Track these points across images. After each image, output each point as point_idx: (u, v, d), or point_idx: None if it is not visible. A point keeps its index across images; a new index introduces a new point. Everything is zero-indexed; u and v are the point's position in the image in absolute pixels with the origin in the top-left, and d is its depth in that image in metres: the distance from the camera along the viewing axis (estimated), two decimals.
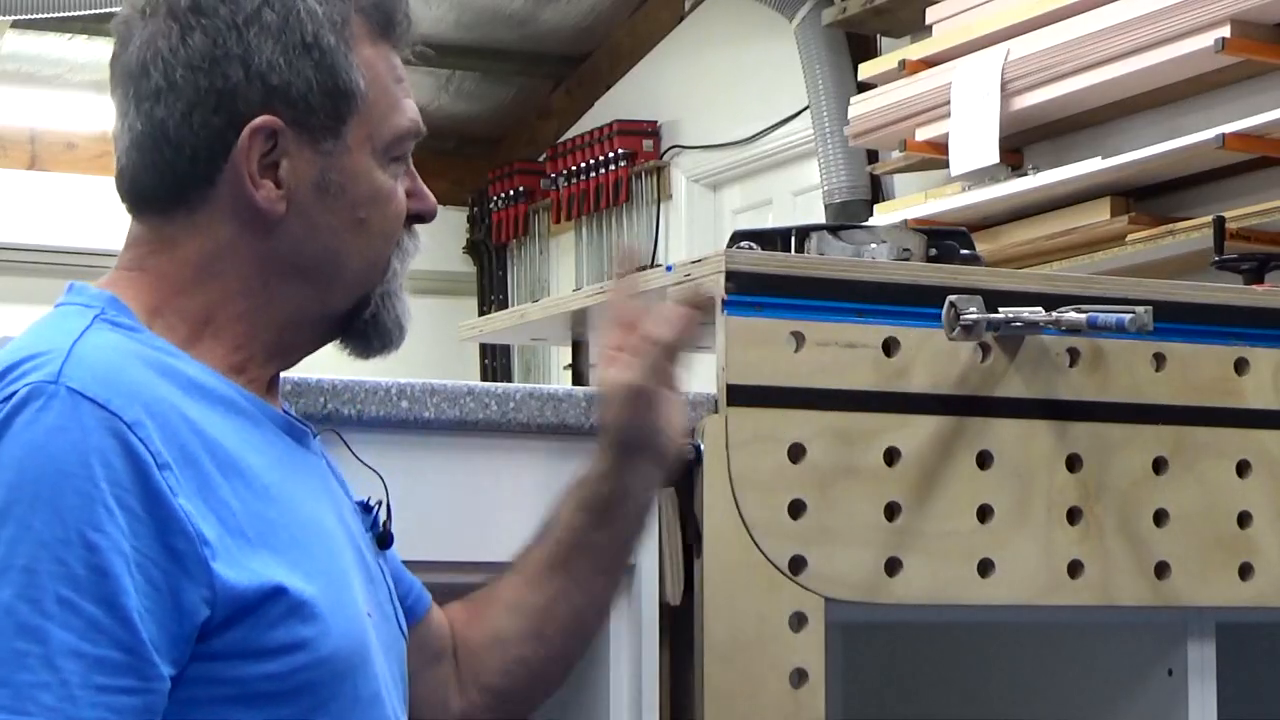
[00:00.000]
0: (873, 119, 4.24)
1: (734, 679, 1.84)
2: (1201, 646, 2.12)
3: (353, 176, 1.46)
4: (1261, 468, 2.11)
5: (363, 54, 1.47)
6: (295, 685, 1.33)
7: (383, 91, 1.48)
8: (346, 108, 1.45)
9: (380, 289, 1.51)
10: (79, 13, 5.48)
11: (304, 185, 1.44)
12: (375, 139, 1.47)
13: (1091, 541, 2.02)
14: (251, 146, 1.42)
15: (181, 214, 1.44)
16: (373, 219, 1.48)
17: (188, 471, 1.31)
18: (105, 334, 1.37)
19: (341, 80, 1.45)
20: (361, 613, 1.42)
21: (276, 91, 1.42)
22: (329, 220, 1.46)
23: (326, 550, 1.41)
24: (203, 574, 1.29)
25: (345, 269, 1.48)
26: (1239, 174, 3.61)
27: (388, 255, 1.50)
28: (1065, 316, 1.92)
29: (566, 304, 2.36)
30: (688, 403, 1.73)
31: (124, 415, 1.29)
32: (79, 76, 6.54)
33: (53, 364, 1.31)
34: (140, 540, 1.28)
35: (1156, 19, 3.49)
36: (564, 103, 6.82)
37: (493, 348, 6.87)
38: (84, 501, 1.26)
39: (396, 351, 1.55)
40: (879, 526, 1.92)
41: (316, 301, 1.48)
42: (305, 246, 1.45)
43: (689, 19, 6.04)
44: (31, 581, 1.25)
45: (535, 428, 1.82)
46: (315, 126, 1.44)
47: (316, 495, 1.45)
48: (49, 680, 1.24)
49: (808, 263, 1.98)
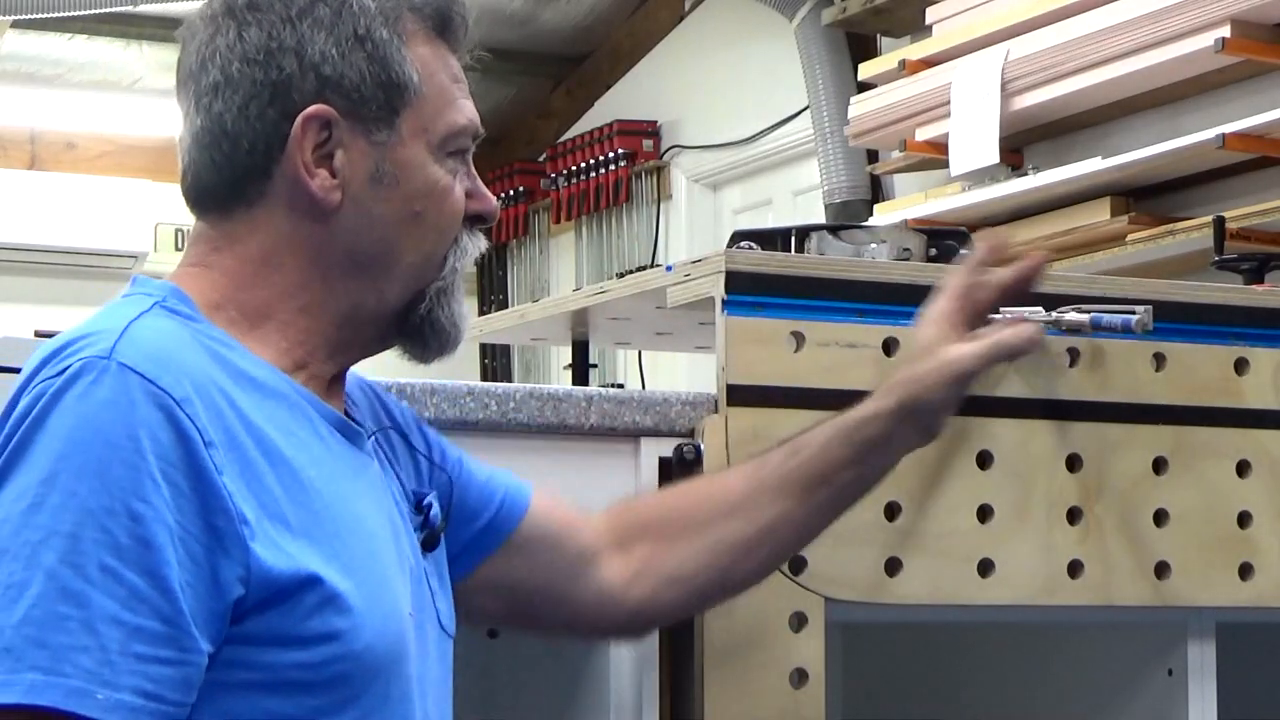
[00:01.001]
0: (873, 119, 4.24)
1: (734, 679, 1.84)
2: (1201, 646, 2.12)
3: (407, 168, 1.48)
4: (1261, 468, 2.11)
5: (417, 50, 1.49)
6: (327, 676, 1.34)
7: (438, 87, 1.50)
8: (400, 99, 1.47)
9: (436, 285, 1.51)
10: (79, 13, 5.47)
11: (359, 176, 1.46)
12: (431, 133, 1.49)
13: (1091, 541, 2.02)
14: (305, 135, 1.44)
15: (241, 210, 1.47)
16: (428, 212, 1.49)
17: (232, 454, 1.33)
18: (162, 319, 1.40)
19: (394, 72, 1.47)
20: (402, 613, 1.43)
21: (330, 82, 1.45)
22: (384, 211, 1.47)
23: (367, 549, 1.41)
24: (240, 552, 1.31)
25: (400, 261, 1.49)
26: (1239, 174, 3.61)
27: (443, 251, 1.51)
28: (1066, 317, 1.92)
29: (566, 304, 2.36)
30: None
31: (173, 392, 1.32)
32: (79, 76, 6.53)
33: (106, 341, 1.34)
34: (183, 515, 1.30)
35: (1156, 19, 3.49)
36: (564, 103, 6.82)
37: (493, 348, 6.86)
38: (130, 473, 1.29)
39: (454, 353, 1.55)
40: (879, 526, 1.92)
41: (373, 295, 1.49)
42: (361, 238, 1.47)
43: (689, 19, 6.04)
44: (75, 547, 1.27)
45: (535, 428, 1.82)
46: (369, 117, 1.46)
47: (362, 495, 1.46)
48: (88, 644, 1.25)
49: (808, 263, 1.98)
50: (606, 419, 1.85)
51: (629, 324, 2.41)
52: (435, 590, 1.55)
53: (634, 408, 1.86)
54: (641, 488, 1.86)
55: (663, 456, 1.86)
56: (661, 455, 1.86)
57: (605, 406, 1.85)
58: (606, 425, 1.85)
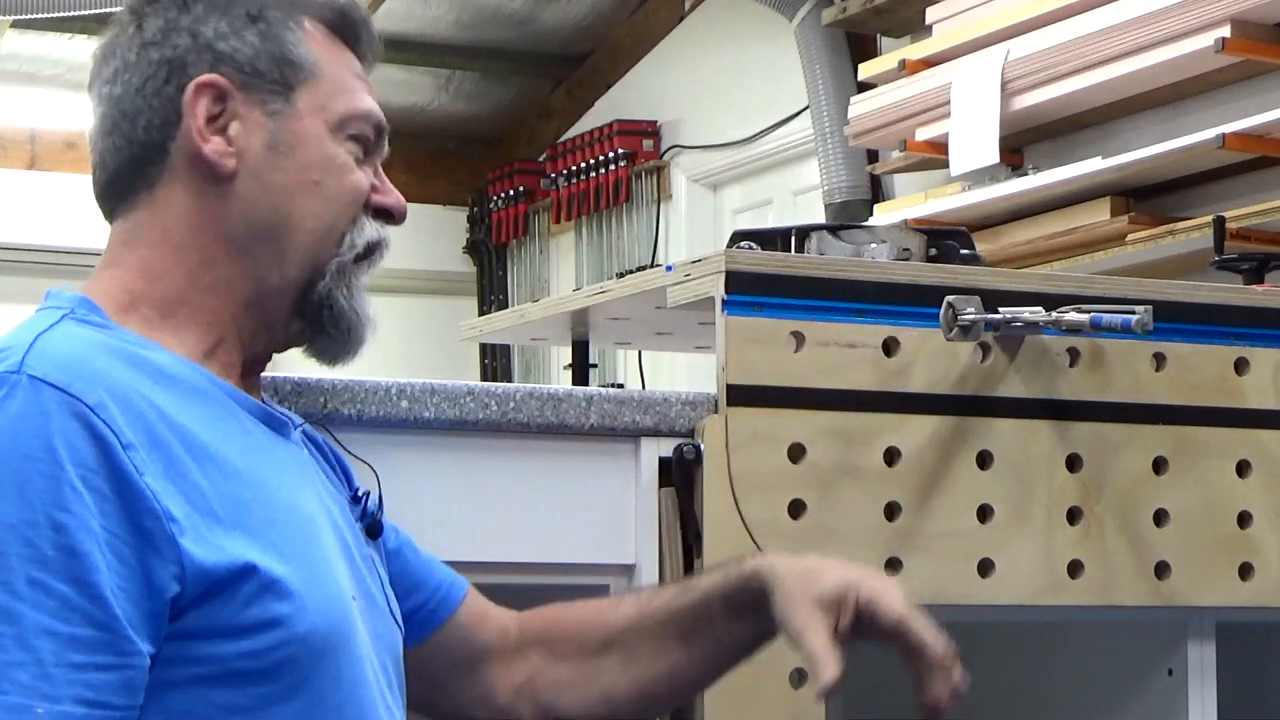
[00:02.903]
0: (873, 119, 4.24)
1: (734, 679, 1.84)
2: (1201, 646, 2.12)
3: (304, 139, 1.50)
4: (1261, 468, 2.12)
5: (315, 42, 1.52)
6: (273, 663, 1.34)
7: (336, 74, 1.52)
8: (294, 75, 1.50)
9: (335, 261, 1.51)
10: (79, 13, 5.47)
11: (255, 145, 1.48)
12: (328, 111, 1.51)
13: (1091, 541, 2.02)
14: (198, 102, 1.47)
15: (144, 195, 1.49)
16: (327, 183, 1.50)
17: (154, 453, 1.33)
18: (71, 328, 1.40)
19: (289, 50, 1.50)
20: (344, 595, 1.42)
21: (224, 56, 1.48)
22: (281, 179, 1.49)
23: (303, 534, 1.41)
24: (171, 551, 1.31)
25: (298, 229, 1.49)
26: (1239, 174, 3.61)
27: (342, 226, 1.51)
28: (1066, 317, 1.92)
29: (566, 304, 2.36)
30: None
31: (86, 398, 1.31)
32: (79, 76, 6.53)
33: (15, 355, 1.33)
34: (108, 519, 1.29)
35: (1156, 19, 3.49)
36: (564, 103, 6.82)
37: (493, 348, 6.86)
38: (50, 484, 1.28)
39: (357, 356, 1.54)
40: (879, 526, 1.92)
41: (274, 269, 1.49)
42: (258, 206, 1.48)
43: (689, 19, 6.04)
44: (1, 564, 1.26)
45: (535, 428, 1.82)
46: (264, 89, 1.49)
47: (294, 483, 1.46)
48: (24, 659, 1.25)
49: (808, 263, 1.98)
50: (606, 419, 1.85)
51: (629, 324, 2.41)
52: (383, 579, 1.55)
53: (634, 408, 1.86)
54: (642, 487, 1.86)
55: (663, 456, 1.87)
56: (661, 455, 1.87)
57: (605, 406, 1.85)
58: (606, 425, 1.85)
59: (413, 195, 7.29)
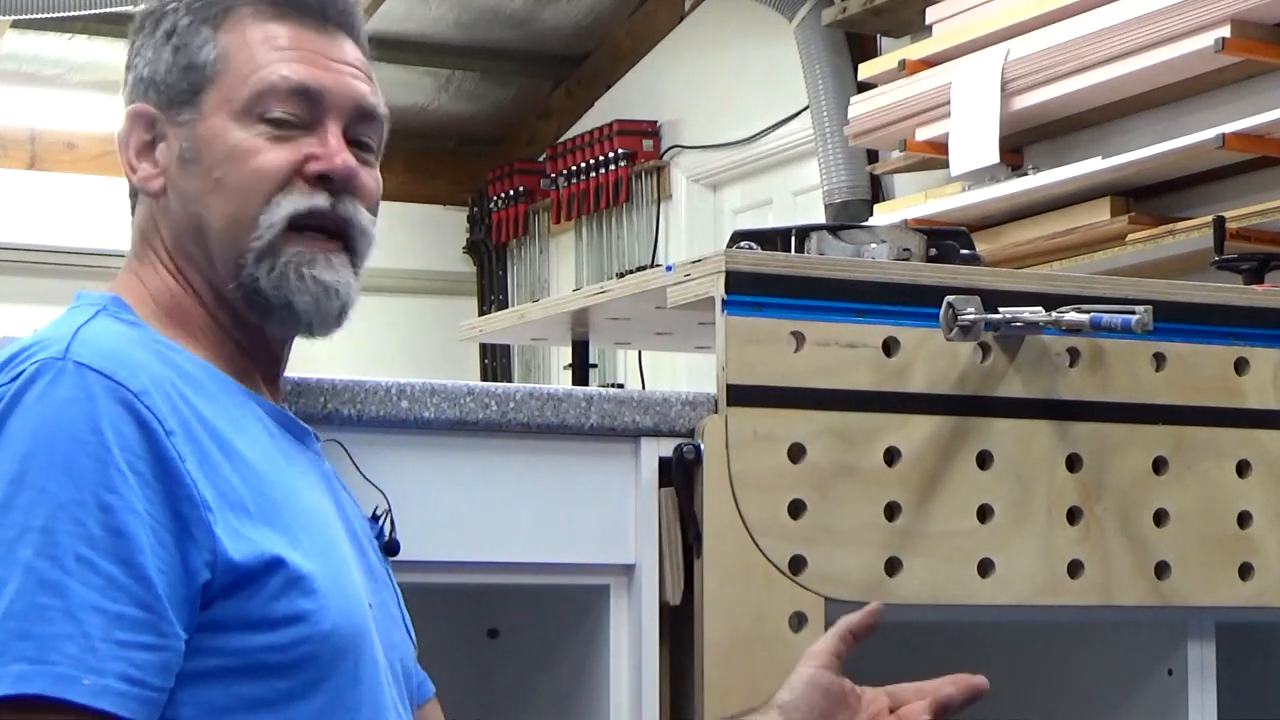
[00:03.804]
0: (873, 119, 4.24)
1: (734, 679, 1.84)
2: (1201, 646, 2.12)
3: (208, 140, 1.52)
4: (1261, 468, 2.11)
5: (238, 32, 1.53)
6: (297, 658, 1.36)
7: (247, 58, 1.53)
8: (199, 79, 1.52)
9: (254, 247, 1.50)
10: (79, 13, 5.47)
11: (173, 160, 1.53)
12: (234, 100, 1.52)
13: (1091, 541, 2.02)
14: (132, 133, 1.54)
15: (134, 209, 1.58)
16: (229, 176, 1.51)
17: (190, 443, 1.36)
18: (108, 323, 1.44)
19: (194, 55, 1.53)
20: (362, 598, 1.44)
21: (148, 82, 1.55)
22: (193, 186, 1.52)
23: (325, 535, 1.44)
24: (206, 538, 1.33)
25: (212, 229, 1.51)
26: (1239, 174, 3.61)
27: (251, 212, 1.51)
28: (1066, 317, 1.92)
29: (566, 304, 2.36)
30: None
31: (131, 385, 1.35)
32: (79, 76, 6.53)
33: (59, 344, 1.37)
34: (151, 504, 1.32)
35: (1156, 19, 3.49)
36: (564, 103, 6.82)
37: (493, 348, 6.86)
38: (97, 466, 1.31)
39: (335, 322, 1.53)
40: (879, 526, 1.92)
41: (211, 271, 1.52)
42: (181, 217, 1.53)
43: (689, 19, 6.04)
44: (50, 540, 1.29)
45: (535, 428, 1.82)
46: (177, 103, 1.53)
47: (314, 487, 1.49)
48: (71, 632, 1.27)
49: (808, 263, 1.98)
50: (606, 419, 1.85)
51: (629, 324, 2.41)
52: (397, 594, 1.57)
53: (634, 408, 1.86)
54: (641, 488, 1.86)
55: (663, 456, 1.86)
56: (661, 455, 1.86)
57: (605, 406, 1.85)
58: (606, 425, 1.85)
59: (413, 195, 7.31)
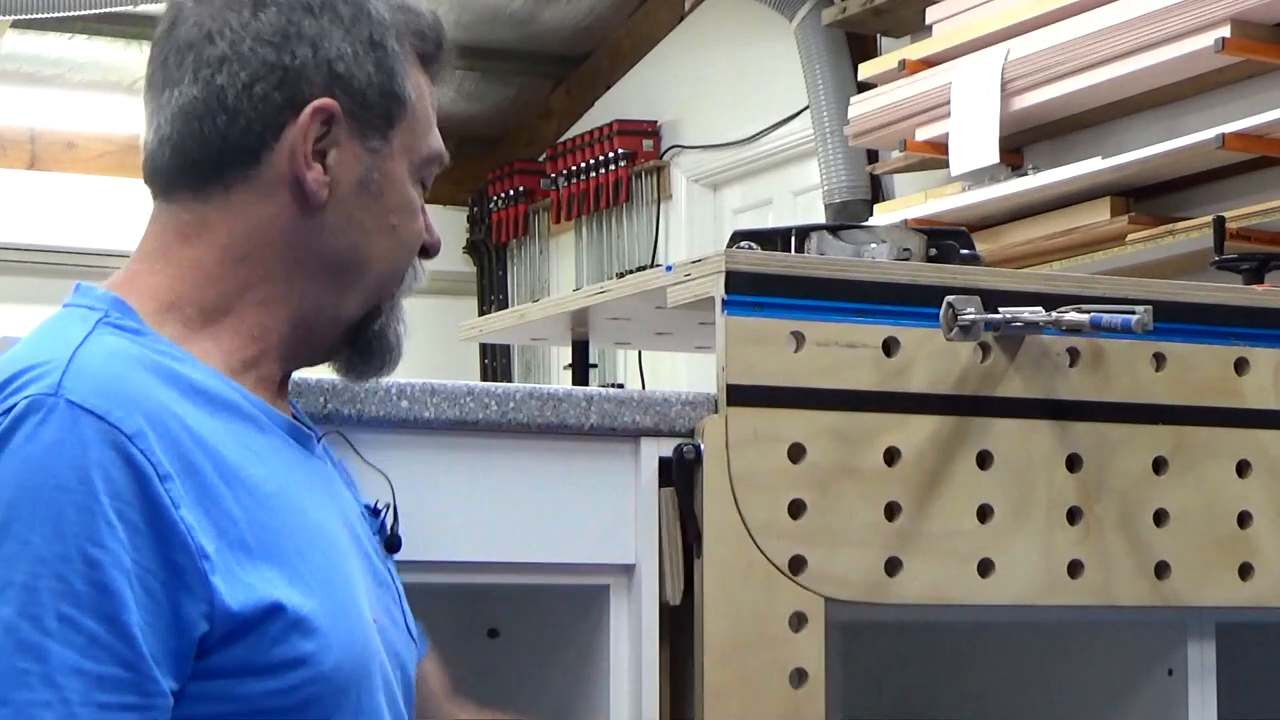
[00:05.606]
0: (873, 119, 4.24)
1: (734, 679, 1.84)
2: (1201, 646, 2.12)
3: (392, 181, 1.49)
4: (1261, 468, 2.11)
5: (414, 74, 1.50)
6: (299, 700, 1.33)
7: (424, 112, 1.51)
8: (397, 112, 1.48)
9: (392, 301, 1.52)
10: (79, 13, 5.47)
11: (348, 178, 1.46)
12: (414, 153, 1.50)
13: (1091, 541, 2.02)
14: (311, 125, 1.43)
15: (218, 193, 1.44)
16: (402, 227, 1.50)
17: (189, 482, 1.31)
18: (108, 339, 1.36)
19: (397, 84, 1.47)
20: (367, 620, 1.42)
21: (340, 79, 1.44)
22: (364, 219, 1.47)
23: (330, 560, 1.40)
24: (202, 589, 1.29)
25: (370, 271, 1.49)
26: (1239, 174, 3.61)
27: (404, 268, 1.52)
28: (1066, 317, 1.92)
29: (566, 304, 2.36)
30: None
31: (124, 427, 1.28)
32: (79, 76, 6.53)
33: (53, 375, 1.30)
34: (140, 553, 1.27)
35: (1156, 19, 3.49)
36: (564, 103, 6.82)
37: (493, 348, 6.87)
38: (84, 517, 1.26)
39: (391, 373, 1.56)
40: (879, 526, 1.92)
41: (334, 300, 1.48)
42: (338, 240, 1.46)
43: (689, 19, 6.04)
44: (31, 598, 1.24)
45: (535, 428, 1.82)
46: (367, 123, 1.46)
47: (321, 502, 1.45)
48: (50, 698, 1.23)
49: (808, 263, 1.98)
50: (606, 419, 1.85)
51: (629, 324, 2.41)
52: (399, 593, 1.55)
53: (634, 408, 1.86)
54: (641, 488, 1.86)
55: (663, 456, 1.86)
56: (661, 455, 1.86)
57: (605, 406, 1.85)
58: (606, 425, 1.85)
59: None
